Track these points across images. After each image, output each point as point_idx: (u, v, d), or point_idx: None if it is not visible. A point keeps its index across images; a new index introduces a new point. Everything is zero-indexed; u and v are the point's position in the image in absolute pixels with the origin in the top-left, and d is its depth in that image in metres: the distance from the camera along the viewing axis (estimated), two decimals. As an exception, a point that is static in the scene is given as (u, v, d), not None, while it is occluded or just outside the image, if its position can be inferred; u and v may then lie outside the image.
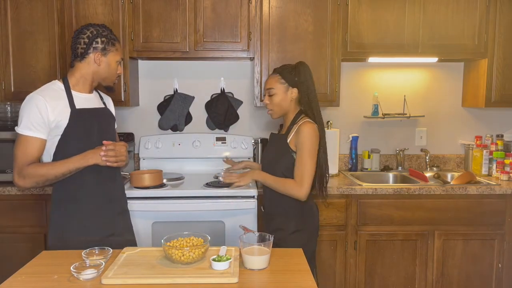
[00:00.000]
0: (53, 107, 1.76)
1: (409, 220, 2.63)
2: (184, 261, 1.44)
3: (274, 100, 2.07)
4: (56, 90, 1.82)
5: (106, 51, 1.86)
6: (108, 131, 1.95)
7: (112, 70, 1.91)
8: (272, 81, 2.07)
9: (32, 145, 1.75)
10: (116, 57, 1.90)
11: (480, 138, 3.20)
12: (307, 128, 1.98)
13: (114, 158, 1.78)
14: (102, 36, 1.85)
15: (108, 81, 1.94)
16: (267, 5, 2.77)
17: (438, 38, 2.85)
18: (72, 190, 1.83)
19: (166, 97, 3.15)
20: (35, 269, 1.48)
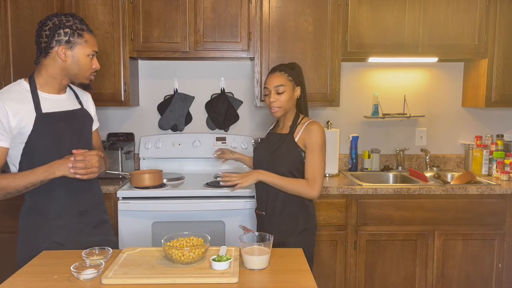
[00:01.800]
0: (15, 112, 1.57)
1: (409, 220, 2.63)
2: (184, 261, 1.44)
3: (284, 97, 2.02)
4: (20, 92, 1.63)
5: (72, 43, 1.64)
6: (82, 136, 1.76)
7: (83, 65, 1.68)
8: (281, 78, 2.02)
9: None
10: (85, 50, 1.66)
11: (480, 138, 3.20)
12: (318, 127, 1.99)
13: (84, 170, 1.59)
14: (65, 27, 1.62)
15: (81, 78, 1.71)
16: (267, 5, 2.77)
17: (438, 38, 2.85)
18: (41, 202, 1.68)
19: (166, 97, 3.15)
20: (35, 269, 1.48)
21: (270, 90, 2.03)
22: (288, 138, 2.03)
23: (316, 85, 2.85)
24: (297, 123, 2.05)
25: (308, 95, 2.81)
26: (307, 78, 2.82)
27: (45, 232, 1.69)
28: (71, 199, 1.72)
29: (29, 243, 1.70)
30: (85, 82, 1.75)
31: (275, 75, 2.04)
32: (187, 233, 1.57)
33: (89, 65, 1.70)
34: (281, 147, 2.03)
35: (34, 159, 1.62)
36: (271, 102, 2.02)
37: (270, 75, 2.06)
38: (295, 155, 2.00)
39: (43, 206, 1.69)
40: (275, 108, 2.03)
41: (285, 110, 2.04)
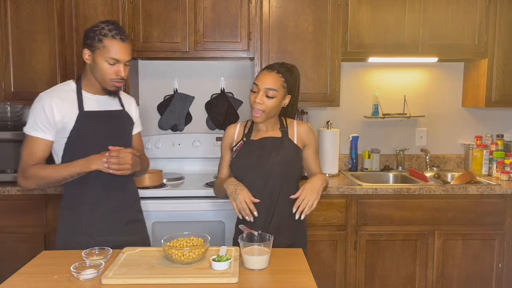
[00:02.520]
0: (59, 108, 1.71)
1: (409, 220, 2.63)
2: (184, 261, 1.44)
3: (271, 103, 1.80)
4: (66, 91, 1.77)
5: (93, 48, 1.70)
6: (120, 135, 1.85)
7: (101, 70, 1.72)
8: (276, 82, 1.81)
9: (37, 146, 1.71)
10: (103, 55, 1.69)
11: (480, 138, 3.20)
12: (311, 126, 1.96)
13: (117, 166, 1.68)
14: (92, 31, 1.71)
15: (103, 83, 1.76)
16: (267, 5, 2.77)
17: (438, 38, 2.85)
18: (77, 195, 1.78)
19: (166, 97, 3.15)
20: (35, 269, 1.48)
21: (260, 89, 1.81)
22: (286, 141, 1.87)
23: (316, 85, 2.85)
24: (286, 125, 1.92)
25: (308, 95, 2.85)
26: (307, 78, 2.83)
27: (79, 224, 1.78)
28: (105, 194, 1.79)
29: (65, 235, 1.79)
30: (108, 88, 1.77)
31: (271, 75, 1.82)
32: (187, 233, 1.57)
33: (108, 71, 1.72)
34: (285, 151, 1.85)
35: (74, 153, 1.73)
36: (256, 102, 1.80)
37: (266, 73, 1.83)
38: (299, 157, 1.90)
39: (79, 200, 1.78)
40: (258, 111, 1.81)
41: (267, 117, 1.84)
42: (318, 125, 3.19)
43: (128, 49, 1.74)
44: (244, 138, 1.92)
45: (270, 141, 1.87)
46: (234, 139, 1.96)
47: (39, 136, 1.71)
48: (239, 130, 1.97)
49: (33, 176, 1.69)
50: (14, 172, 2.59)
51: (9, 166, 2.60)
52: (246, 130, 1.95)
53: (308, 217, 2.59)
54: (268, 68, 1.85)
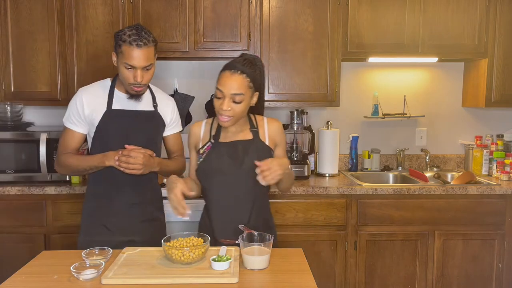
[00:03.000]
0: (89, 103, 1.81)
1: (409, 220, 2.63)
2: (184, 261, 1.44)
3: (240, 108, 1.65)
4: (101, 87, 1.86)
5: (117, 52, 1.77)
6: (145, 135, 1.87)
7: (122, 74, 1.78)
8: (241, 84, 1.63)
9: (69, 137, 1.84)
10: (122, 60, 1.74)
11: (480, 138, 3.20)
12: (281, 124, 1.84)
13: (126, 165, 1.71)
14: (116, 36, 1.77)
15: (125, 87, 1.82)
16: (267, 5, 2.77)
17: (438, 38, 2.85)
18: (97, 189, 1.88)
19: (166, 97, 3.15)
20: (35, 269, 1.48)
21: (225, 94, 1.63)
22: (257, 142, 1.75)
23: (316, 85, 2.85)
24: (256, 125, 1.79)
25: (308, 95, 2.85)
26: (307, 78, 2.83)
27: (97, 215, 1.87)
28: (120, 190, 1.86)
29: (87, 225, 1.89)
30: (130, 92, 1.82)
31: (235, 78, 1.63)
32: (187, 233, 1.57)
33: (126, 75, 1.76)
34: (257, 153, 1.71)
35: (98, 147, 1.83)
36: (223, 110, 1.63)
37: (229, 75, 1.64)
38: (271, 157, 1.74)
39: (98, 191, 1.88)
40: (225, 117, 1.65)
41: (236, 121, 1.70)
42: (318, 125, 3.19)
43: (146, 55, 1.74)
44: (212, 139, 1.76)
45: (240, 145, 1.73)
46: (200, 140, 1.81)
47: (71, 128, 1.84)
48: (205, 130, 1.81)
49: (62, 163, 1.84)
50: (14, 172, 2.59)
51: (9, 166, 2.60)
52: (214, 131, 1.79)
53: (308, 217, 2.60)
54: (230, 69, 1.65)
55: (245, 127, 1.78)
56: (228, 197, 1.72)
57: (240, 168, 1.70)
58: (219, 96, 1.65)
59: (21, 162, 2.59)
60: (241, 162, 1.70)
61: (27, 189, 2.52)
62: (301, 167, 2.85)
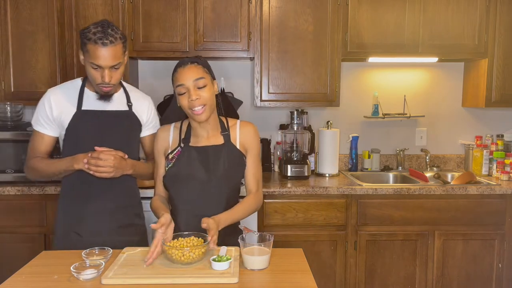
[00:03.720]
0: (58, 104, 1.73)
1: (409, 220, 2.63)
2: (184, 261, 1.44)
3: (206, 93, 1.62)
4: (71, 88, 1.78)
5: (83, 50, 1.66)
6: (118, 136, 1.78)
7: (89, 74, 1.68)
8: (198, 70, 1.62)
9: (38, 140, 1.76)
10: (88, 59, 1.63)
11: (480, 138, 3.20)
12: (255, 128, 1.77)
13: (95, 168, 1.62)
14: (81, 34, 1.65)
15: (94, 87, 1.72)
16: (267, 5, 2.77)
17: (438, 38, 2.85)
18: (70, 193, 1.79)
19: (166, 97, 3.15)
20: (35, 269, 1.48)
21: (188, 86, 1.60)
22: (228, 146, 1.70)
23: (316, 85, 2.85)
24: (228, 128, 1.74)
25: (308, 95, 2.85)
26: (307, 78, 2.83)
27: (70, 223, 1.78)
28: (93, 194, 1.77)
29: (59, 233, 1.81)
30: (99, 92, 1.73)
31: (189, 68, 1.62)
32: (187, 233, 1.57)
33: (94, 75, 1.67)
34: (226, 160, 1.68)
35: (69, 150, 1.74)
36: (193, 100, 1.59)
37: (182, 69, 1.62)
38: (242, 163, 1.72)
39: (70, 198, 1.79)
40: (199, 107, 1.60)
41: (211, 109, 1.66)
42: (318, 125, 3.19)
43: (113, 53, 1.63)
44: (182, 144, 1.70)
45: (211, 150, 1.68)
46: (169, 145, 1.74)
47: (40, 130, 1.76)
48: (174, 134, 1.74)
49: (31, 168, 1.76)
50: (14, 172, 2.59)
51: (9, 166, 2.60)
52: (183, 135, 1.73)
53: (308, 217, 2.60)
54: (181, 65, 1.64)
55: (216, 131, 1.73)
56: (197, 204, 1.66)
57: (211, 174, 1.65)
58: (183, 92, 1.61)
59: (21, 162, 2.59)
60: (213, 169, 1.66)
61: (27, 189, 2.52)
62: (301, 167, 2.85)
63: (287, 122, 3.15)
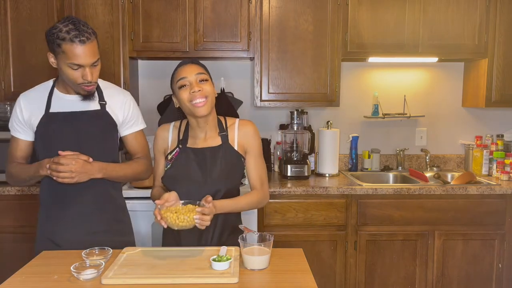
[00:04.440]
0: (27, 107, 1.69)
1: (409, 220, 2.63)
2: (179, 225, 1.44)
3: (208, 86, 1.63)
4: (41, 90, 1.73)
5: (55, 52, 1.58)
6: (91, 138, 1.70)
7: (67, 75, 1.60)
8: (199, 68, 1.65)
9: (13, 145, 1.74)
10: (64, 60, 1.56)
11: (480, 138, 3.20)
12: (254, 127, 1.75)
13: (56, 173, 1.53)
14: (50, 34, 1.56)
15: (74, 88, 1.65)
16: (267, 5, 2.77)
17: (438, 38, 2.85)
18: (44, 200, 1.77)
19: (166, 97, 3.13)
20: (35, 269, 1.48)
21: (190, 79, 1.61)
22: (225, 148, 1.69)
23: (316, 85, 2.85)
24: (226, 128, 1.73)
25: (308, 95, 2.85)
26: (307, 78, 2.83)
27: (46, 228, 1.75)
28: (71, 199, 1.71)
29: (38, 238, 1.78)
30: (80, 92, 1.66)
31: (190, 65, 1.66)
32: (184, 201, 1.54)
33: (74, 76, 1.59)
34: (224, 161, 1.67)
35: (42, 154, 1.68)
36: (195, 92, 1.59)
37: (184, 66, 1.66)
38: (240, 164, 1.72)
39: (47, 203, 1.76)
40: (201, 99, 1.60)
41: (211, 105, 1.66)
42: (318, 125, 3.19)
43: (91, 50, 1.57)
44: (180, 145, 1.71)
45: (209, 152, 1.68)
46: (168, 145, 1.74)
47: (15, 135, 1.74)
48: (173, 134, 1.75)
49: (9, 173, 1.74)
50: (14, 172, 2.59)
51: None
52: (181, 135, 1.73)
53: (308, 217, 2.60)
54: (181, 65, 1.68)
55: (214, 132, 1.72)
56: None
57: (208, 176, 1.65)
58: (184, 84, 1.61)
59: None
60: (209, 170, 1.65)
61: (27, 189, 2.52)
62: (301, 167, 2.85)
63: (287, 122, 3.15)
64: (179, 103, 1.67)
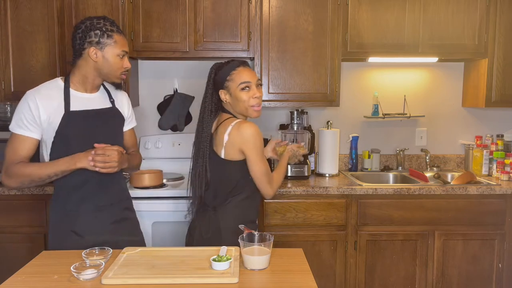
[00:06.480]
0: (45, 106, 1.70)
1: (409, 220, 2.63)
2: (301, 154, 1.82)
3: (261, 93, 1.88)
4: (53, 89, 1.75)
5: (102, 44, 1.72)
6: (108, 133, 1.83)
7: (113, 65, 1.76)
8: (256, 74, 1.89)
9: (22, 144, 1.70)
10: (115, 50, 1.74)
11: (480, 138, 3.20)
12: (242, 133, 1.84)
13: (102, 164, 1.66)
14: (95, 29, 1.71)
15: (112, 77, 1.79)
16: (267, 5, 2.77)
17: (438, 38, 2.85)
18: (65, 194, 1.77)
19: (166, 97, 3.15)
20: (35, 269, 1.48)
21: (252, 84, 1.81)
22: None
23: (316, 85, 2.85)
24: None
25: (308, 95, 2.85)
26: (307, 78, 2.83)
27: (66, 223, 1.77)
28: (90, 193, 1.78)
29: (55, 235, 1.79)
30: (117, 81, 1.82)
31: (250, 70, 1.85)
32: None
33: (119, 65, 1.77)
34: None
35: (61, 152, 1.72)
36: (257, 97, 1.81)
37: (244, 68, 1.83)
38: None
39: (65, 199, 1.77)
40: (259, 105, 1.84)
41: None
42: (318, 125, 3.19)
43: None
44: None
45: None
46: None
47: (24, 134, 1.70)
48: None
49: (17, 173, 1.68)
50: (14, 172, 2.58)
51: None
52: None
53: (308, 217, 2.60)
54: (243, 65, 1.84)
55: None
56: None
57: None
58: (247, 86, 1.79)
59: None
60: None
61: (27, 189, 2.51)
62: (301, 167, 2.85)
63: (287, 122, 3.15)
64: (233, 101, 1.83)
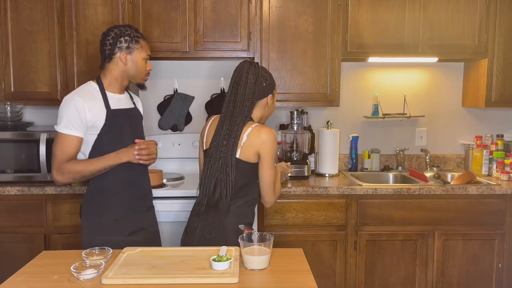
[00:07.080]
0: (90, 108, 1.85)
1: (409, 220, 2.63)
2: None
3: None
4: (91, 91, 1.90)
5: (131, 49, 1.93)
6: (138, 130, 2.05)
7: (140, 67, 1.97)
8: None
9: (70, 143, 1.84)
10: (141, 54, 1.96)
11: (480, 138, 3.20)
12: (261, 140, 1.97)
13: (147, 157, 1.88)
14: (125, 35, 1.92)
15: (138, 78, 2.00)
16: (267, 5, 2.77)
17: (438, 38, 2.85)
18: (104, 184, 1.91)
19: (166, 97, 3.15)
20: (35, 269, 1.48)
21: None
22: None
23: (316, 85, 2.85)
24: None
25: (308, 95, 2.86)
26: (307, 78, 2.83)
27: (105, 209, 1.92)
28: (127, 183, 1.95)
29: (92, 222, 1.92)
30: (141, 82, 2.03)
31: None
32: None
33: (144, 67, 1.99)
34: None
35: (103, 148, 1.88)
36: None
37: None
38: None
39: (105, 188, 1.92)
40: None
41: None
42: (318, 125, 3.19)
43: None
44: None
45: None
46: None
47: (72, 133, 1.83)
48: None
49: (69, 170, 1.83)
50: (14, 172, 2.59)
51: (9, 166, 2.60)
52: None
53: (308, 217, 2.60)
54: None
55: None
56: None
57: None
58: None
59: (21, 162, 2.59)
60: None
61: (27, 189, 2.52)
62: (301, 167, 2.85)
63: (287, 122, 3.15)
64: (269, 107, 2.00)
